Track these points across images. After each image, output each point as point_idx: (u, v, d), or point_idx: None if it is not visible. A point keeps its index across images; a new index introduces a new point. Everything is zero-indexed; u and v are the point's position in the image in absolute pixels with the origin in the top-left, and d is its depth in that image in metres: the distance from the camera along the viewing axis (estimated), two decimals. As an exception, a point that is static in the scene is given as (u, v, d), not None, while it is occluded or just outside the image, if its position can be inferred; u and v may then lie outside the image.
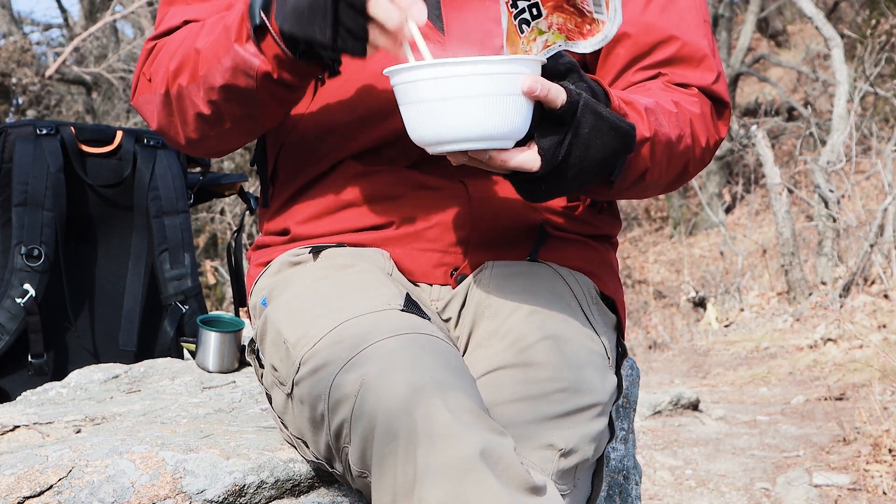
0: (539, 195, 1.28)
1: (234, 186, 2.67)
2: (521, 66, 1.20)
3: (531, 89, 1.19)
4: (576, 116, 1.22)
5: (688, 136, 1.43)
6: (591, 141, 1.24)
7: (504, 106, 1.19)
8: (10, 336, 2.38)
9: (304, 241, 1.53)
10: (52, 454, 1.37)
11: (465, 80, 1.18)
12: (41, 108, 11.00)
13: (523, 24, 1.26)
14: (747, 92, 15.03)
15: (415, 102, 1.21)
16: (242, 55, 1.32)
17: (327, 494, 1.43)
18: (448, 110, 1.19)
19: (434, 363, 1.21)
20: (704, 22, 1.53)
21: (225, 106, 1.38)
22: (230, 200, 9.96)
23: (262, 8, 1.30)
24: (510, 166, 1.24)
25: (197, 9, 1.48)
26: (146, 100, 1.47)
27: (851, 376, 5.47)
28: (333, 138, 1.51)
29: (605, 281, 1.57)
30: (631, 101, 1.35)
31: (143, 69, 1.49)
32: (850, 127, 8.40)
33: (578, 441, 1.33)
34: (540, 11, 1.26)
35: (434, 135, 1.21)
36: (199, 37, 1.39)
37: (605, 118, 1.24)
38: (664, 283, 11.31)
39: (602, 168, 1.28)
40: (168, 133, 1.48)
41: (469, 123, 1.19)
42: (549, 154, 1.23)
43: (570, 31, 1.27)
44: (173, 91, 1.42)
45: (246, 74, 1.33)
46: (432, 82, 1.19)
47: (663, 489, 3.87)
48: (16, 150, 2.41)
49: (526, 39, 1.27)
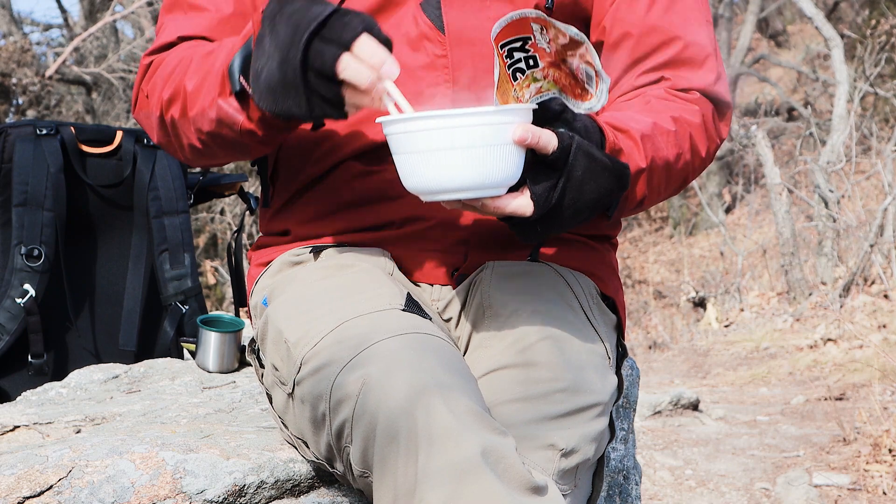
0: (535, 236, 1.30)
1: (234, 186, 2.66)
2: (512, 116, 1.21)
3: (522, 139, 1.20)
4: (568, 160, 1.24)
5: (687, 152, 1.44)
6: (584, 183, 1.25)
7: (495, 155, 1.20)
8: (10, 336, 2.37)
9: (305, 241, 1.54)
10: (52, 454, 1.37)
11: (455, 132, 1.19)
12: (41, 108, 11.00)
13: (517, 72, 1.27)
14: (747, 92, 15.03)
15: (407, 153, 1.22)
16: (226, 110, 1.33)
17: (327, 494, 1.43)
18: (440, 161, 1.20)
19: (435, 363, 1.21)
20: (707, 22, 1.54)
21: (214, 144, 1.41)
22: (230, 200, 9.96)
23: (241, 72, 1.30)
24: (504, 213, 1.25)
25: (193, 21, 1.49)
26: (146, 115, 1.49)
27: (851, 376, 5.47)
28: (334, 139, 1.51)
29: (606, 281, 1.57)
30: (627, 128, 1.36)
31: (140, 85, 1.50)
32: (850, 127, 8.40)
33: (579, 441, 1.33)
34: (537, 63, 1.26)
35: (427, 185, 1.23)
36: (188, 72, 1.39)
37: (598, 160, 1.26)
38: (664, 283, 11.31)
39: (597, 207, 1.29)
40: (167, 150, 1.51)
41: (461, 173, 1.20)
42: (541, 199, 1.24)
43: (564, 87, 1.28)
44: (167, 119, 1.44)
45: (230, 128, 1.35)
46: (423, 133, 1.20)
47: (663, 489, 3.87)
48: (16, 150, 2.41)
49: (519, 86, 1.28)
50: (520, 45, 1.25)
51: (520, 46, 1.26)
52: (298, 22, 1.21)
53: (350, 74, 1.21)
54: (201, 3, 1.49)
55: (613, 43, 1.51)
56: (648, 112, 1.42)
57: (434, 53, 1.46)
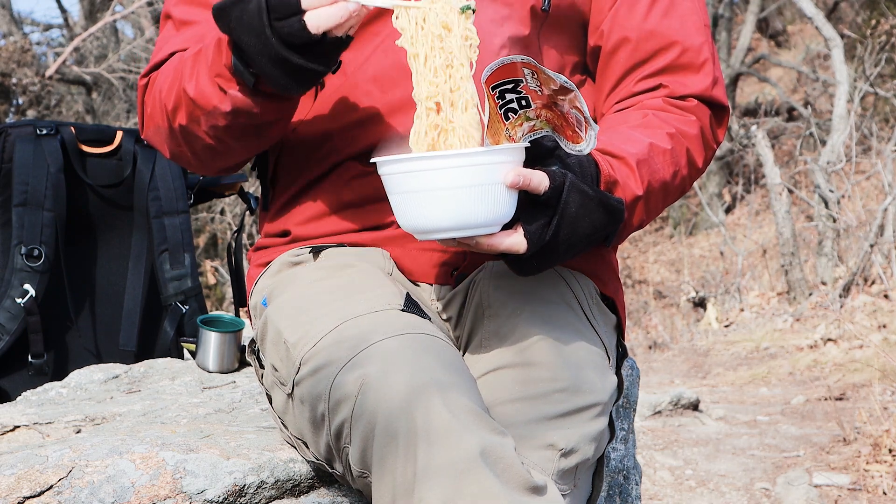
0: (530, 271, 1.31)
1: (234, 186, 2.66)
2: (503, 156, 1.23)
3: (514, 182, 1.22)
4: (561, 199, 1.25)
5: (683, 168, 1.46)
6: (578, 220, 1.27)
7: (487, 195, 1.22)
8: (10, 336, 2.37)
9: (305, 241, 1.54)
10: (52, 454, 1.37)
11: (447, 173, 1.21)
12: (41, 108, 10.99)
13: (510, 112, 1.29)
14: (747, 92, 15.03)
15: (401, 193, 1.25)
16: (241, 98, 1.34)
17: (327, 494, 1.43)
18: (432, 201, 1.22)
19: (434, 363, 1.22)
20: (705, 26, 1.54)
21: (231, 137, 1.41)
22: (230, 200, 9.95)
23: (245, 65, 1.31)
24: (498, 250, 1.27)
25: (184, 35, 1.50)
26: (154, 132, 1.49)
27: (851, 376, 5.47)
28: (333, 140, 1.51)
29: (605, 281, 1.57)
30: (623, 155, 1.37)
31: (142, 105, 1.51)
32: (850, 127, 8.39)
33: (579, 441, 1.33)
34: (529, 103, 1.28)
35: (421, 224, 1.25)
36: (184, 76, 1.40)
37: (591, 197, 1.27)
38: (664, 283, 11.30)
39: (592, 241, 1.31)
40: (181, 160, 1.51)
41: (454, 213, 1.22)
42: (534, 237, 1.26)
43: (557, 127, 1.29)
44: (175, 127, 1.44)
45: (248, 114, 1.36)
46: (416, 174, 1.22)
47: (663, 489, 3.87)
48: (16, 150, 2.41)
49: (511, 125, 1.29)
50: (511, 87, 1.27)
51: (511, 88, 1.27)
52: (250, 24, 1.25)
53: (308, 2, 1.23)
54: (191, 17, 1.50)
55: (612, 48, 1.51)
56: (645, 129, 1.43)
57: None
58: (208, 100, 1.36)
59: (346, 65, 1.48)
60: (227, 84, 1.33)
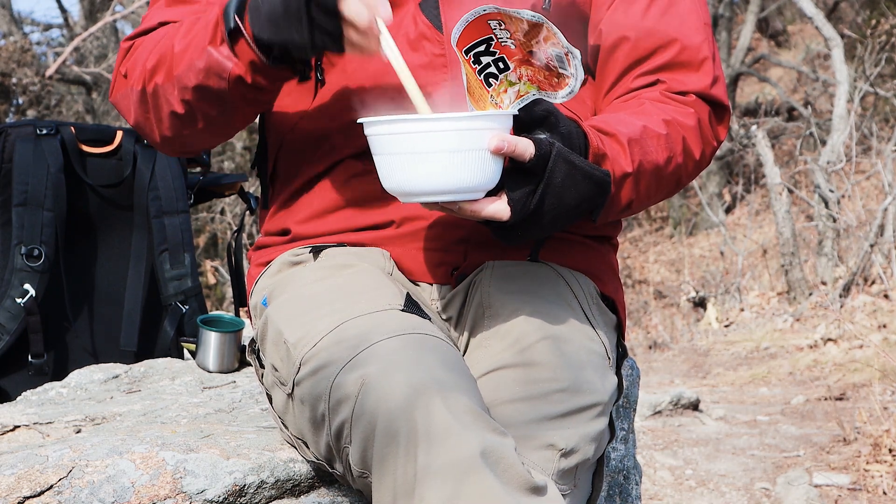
0: (514, 240, 1.31)
1: (234, 186, 2.67)
2: (489, 122, 1.23)
3: (497, 148, 1.22)
4: (547, 167, 1.24)
5: (678, 155, 1.44)
6: (564, 190, 1.26)
7: (471, 160, 1.22)
8: (10, 336, 2.37)
9: (305, 240, 1.54)
10: (52, 454, 1.37)
11: (432, 136, 1.21)
12: (41, 108, 10.99)
13: (490, 77, 1.28)
14: (747, 92, 15.03)
15: (385, 154, 1.25)
16: (216, 57, 1.34)
17: (327, 494, 1.43)
18: (416, 164, 1.22)
19: (434, 363, 1.22)
20: (705, 25, 1.53)
21: (197, 105, 1.40)
22: (230, 200, 9.95)
23: (237, 12, 1.32)
24: (481, 217, 1.26)
25: (178, 11, 1.50)
26: (123, 95, 1.49)
27: (851, 376, 5.47)
28: (333, 138, 1.51)
29: (606, 281, 1.57)
30: (614, 132, 1.36)
31: (119, 67, 1.50)
32: (850, 127, 8.39)
33: (579, 441, 1.33)
34: (507, 65, 1.27)
35: (404, 186, 1.25)
36: (177, 37, 1.41)
37: (578, 167, 1.26)
38: (664, 283, 11.30)
39: (578, 213, 1.30)
40: (144, 129, 1.50)
41: (437, 177, 1.22)
42: (518, 204, 1.25)
43: (541, 83, 1.29)
44: (149, 89, 1.43)
45: (219, 76, 1.35)
46: (402, 136, 1.22)
47: (663, 489, 3.87)
48: (16, 150, 2.41)
49: (496, 91, 1.28)
50: (485, 49, 1.27)
51: (485, 50, 1.27)
52: None
53: (350, 11, 1.25)
54: None
55: (611, 46, 1.51)
56: (640, 115, 1.42)
57: (433, 53, 1.46)
58: (189, 53, 1.37)
59: (345, 63, 1.48)
60: (212, 37, 1.34)
